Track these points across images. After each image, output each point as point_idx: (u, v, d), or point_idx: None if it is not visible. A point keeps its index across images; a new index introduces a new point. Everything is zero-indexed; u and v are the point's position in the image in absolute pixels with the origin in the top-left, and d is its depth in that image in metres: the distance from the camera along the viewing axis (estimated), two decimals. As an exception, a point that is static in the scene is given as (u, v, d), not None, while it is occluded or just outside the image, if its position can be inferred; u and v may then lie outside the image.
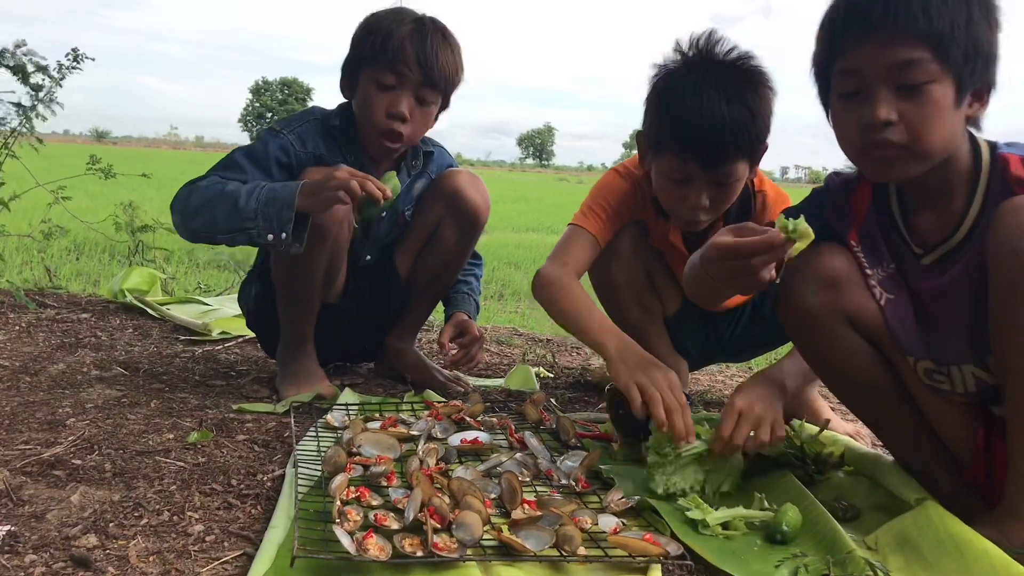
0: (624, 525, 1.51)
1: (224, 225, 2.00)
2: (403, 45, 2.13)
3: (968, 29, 1.38)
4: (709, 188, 1.95)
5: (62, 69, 3.49)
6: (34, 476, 1.61)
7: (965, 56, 1.39)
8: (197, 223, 2.04)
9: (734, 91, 1.87)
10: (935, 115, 1.40)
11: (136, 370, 2.42)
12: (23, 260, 4.85)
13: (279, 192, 1.97)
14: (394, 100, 2.15)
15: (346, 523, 1.38)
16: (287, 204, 1.95)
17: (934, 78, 1.39)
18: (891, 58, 1.40)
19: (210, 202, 2.01)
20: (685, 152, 1.91)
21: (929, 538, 1.42)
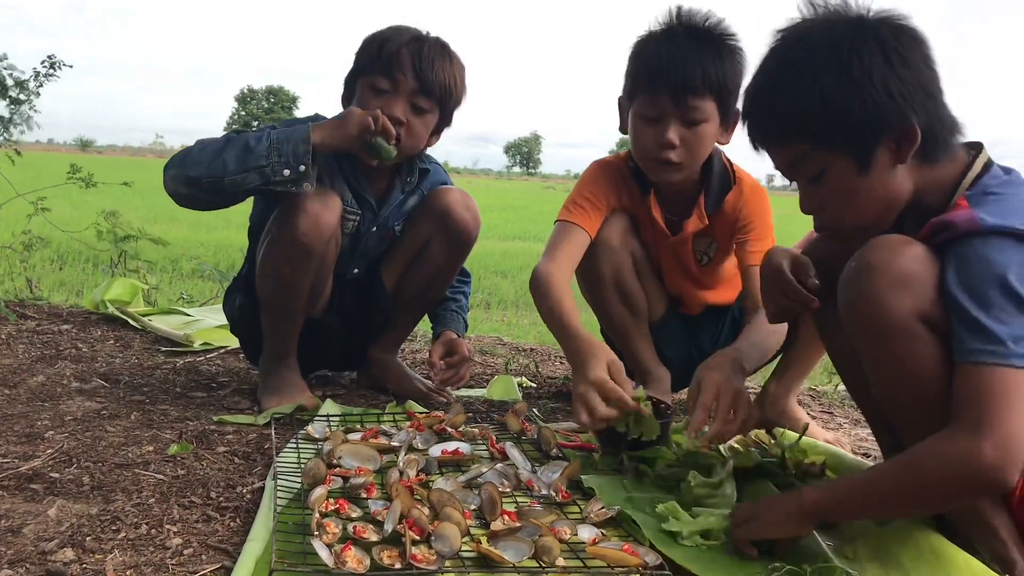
0: (604, 536, 1.51)
1: (234, 166, 1.98)
2: (399, 52, 2.15)
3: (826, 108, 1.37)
4: (679, 126, 2.05)
5: (39, 77, 3.49)
6: (11, 490, 1.60)
7: (843, 130, 1.38)
8: (201, 170, 2.00)
9: (705, 38, 2.05)
10: (840, 193, 1.44)
11: (117, 382, 2.41)
12: (4, 271, 4.83)
13: (292, 131, 2.01)
14: (388, 104, 2.15)
15: (325, 535, 1.38)
16: (302, 139, 1.99)
17: (826, 164, 1.42)
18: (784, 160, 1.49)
19: (217, 149, 2.00)
20: (656, 85, 2.04)
21: (909, 548, 1.43)
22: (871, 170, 1.40)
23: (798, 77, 1.40)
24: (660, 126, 2.06)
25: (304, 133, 2.00)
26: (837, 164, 1.41)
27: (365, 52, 2.20)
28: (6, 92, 3.44)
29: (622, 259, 2.29)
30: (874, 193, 1.42)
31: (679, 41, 2.04)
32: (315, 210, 2.07)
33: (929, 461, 1.28)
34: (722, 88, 2.04)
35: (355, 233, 2.30)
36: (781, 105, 1.43)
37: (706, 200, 2.22)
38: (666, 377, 2.42)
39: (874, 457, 2.01)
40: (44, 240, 4.20)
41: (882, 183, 1.41)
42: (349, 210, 2.24)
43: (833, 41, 1.38)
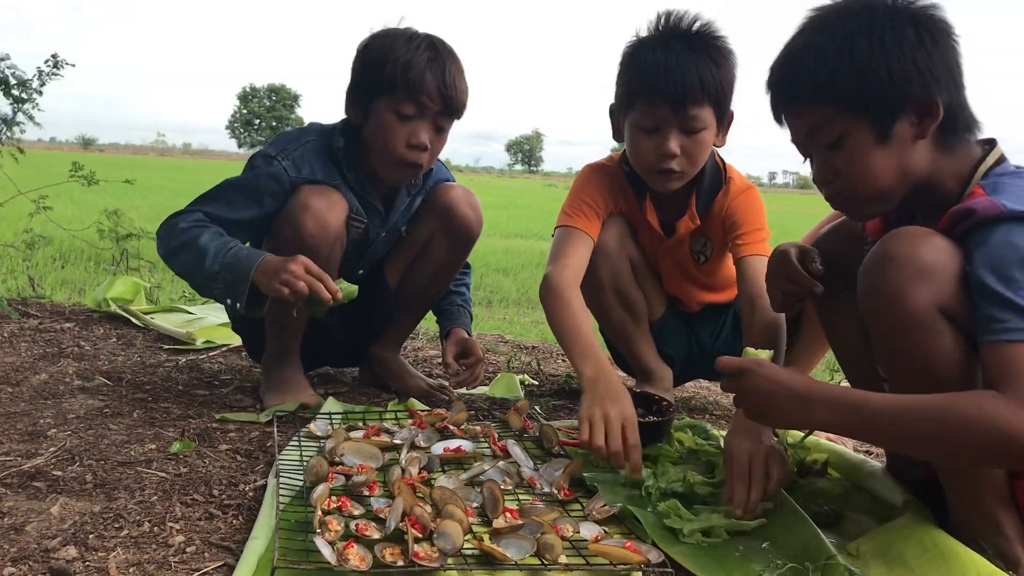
0: (606, 533, 1.51)
1: (194, 277, 2.04)
2: (424, 76, 2.08)
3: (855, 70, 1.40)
4: (679, 135, 2.04)
5: (42, 76, 3.49)
6: (14, 488, 1.61)
7: (865, 97, 1.40)
8: (175, 264, 2.06)
9: (698, 44, 2.03)
10: (858, 161, 1.44)
11: (119, 380, 2.42)
12: (7, 269, 4.84)
13: (240, 262, 1.95)
14: (415, 131, 2.11)
15: (327, 533, 1.38)
16: (242, 278, 1.94)
17: (846, 130, 1.43)
18: (804, 127, 1.50)
19: (186, 248, 2.01)
20: (654, 96, 2.02)
21: (913, 546, 1.43)
22: (890, 141, 1.42)
23: (830, 40, 1.43)
24: (660, 136, 2.05)
25: (247, 271, 1.94)
26: (858, 131, 1.43)
27: (383, 72, 2.09)
28: (9, 91, 3.45)
29: (620, 264, 2.29)
30: (890, 164, 1.43)
31: (674, 48, 2.01)
32: (321, 210, 2.07)
33: (974, 414, 1.24)
34: (719, 93, 2.04)
35: (363, 239, 2.29)
36: (811, 65, 1.45)
37: (697, 200, 2.22)
38: (668, 375, 2.42)
39: (875, 455, 2.01)
40: (46, 239, 4.20)
41: (900, 156, 1.43)
42: (355, 217, 2.22)
43: (868, 14, 1.42)
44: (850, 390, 1.44)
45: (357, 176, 2.22)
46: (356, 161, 2.22)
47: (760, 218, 2.21)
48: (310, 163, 2.15)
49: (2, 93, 3.44)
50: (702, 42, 2.04)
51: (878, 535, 1.49)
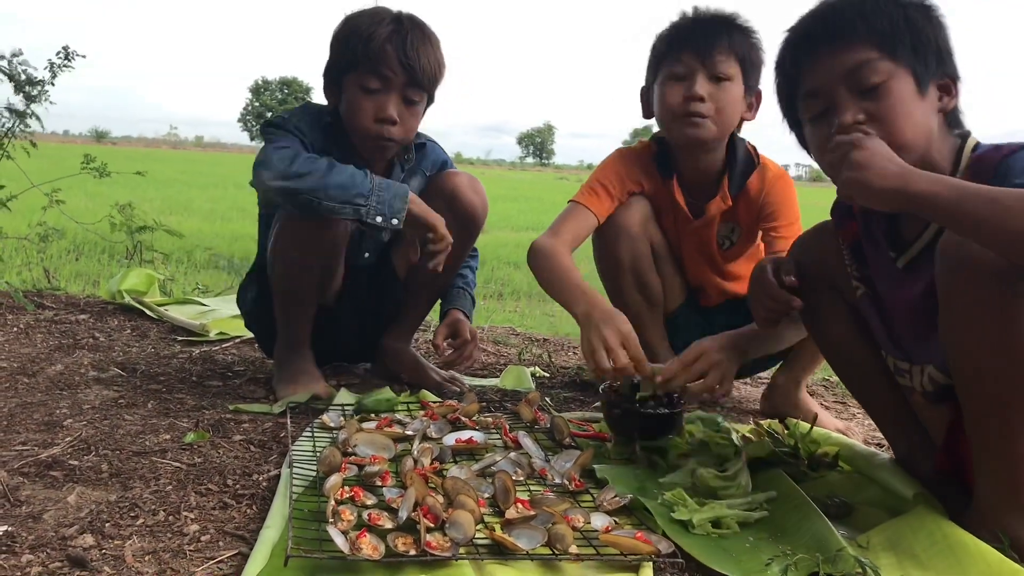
0: (616, 524, 1.52)
1: (335, 194, 2.00)
2: (384, 48, 2.11)
3: (909, 23, 1.45)
4: (705, 80, 2.12)
5: (54, 68, 3.51)
6: (31, 477, 1.62)
7: (914, 50, 1.45)
8: (303, 184, 1.99)
9: (727, 20, 2.17)
10: (900, 107, 1.45)
11: (133, 371, 2.44)
12: (22, 261, 4.87)
13: (391, 185, 2.05)
14: (381, 104, 2.15)
15: (340, 523, 1.39)
16: (401, 196, 2.03)
17: (889, 75, 1.44)
18: (844, 66, 1.46)
19: (319, 170, 2.00)
20: (681, 44, 2.14)
21: (922, 538, 1.43)
22: (926, 99, 1.46)
23: None
24: (687, 81, 2.13)
25: (404, 191, 2.05)
26: (901, 77, 1.45)
27: (346, 47, 2.15)
28: (21, 87, 3.47)
29: (641, 246, 2.31)
30: (922, 118, 1.47)
31: (702, 14, 2.16)
32: None
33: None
34: (745, 57, 2.14)
35: None
36: (866, 10, 1.47)
37: (730, 182, 2.25)
38: None
39: (885, 447, 2.01)
40: (60, 231, 4.22)
41: (929, 114, 1.48)
42: None
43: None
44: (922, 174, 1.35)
45: (347, 154, 2.22)
46: (344, 139, 2.25)
47: (795, 209, 2.26)
48: (311, 134, 2.18)
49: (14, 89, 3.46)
50: (731, 19, 2.16)
51: (888, 527, 1.49)
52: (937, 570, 1.36)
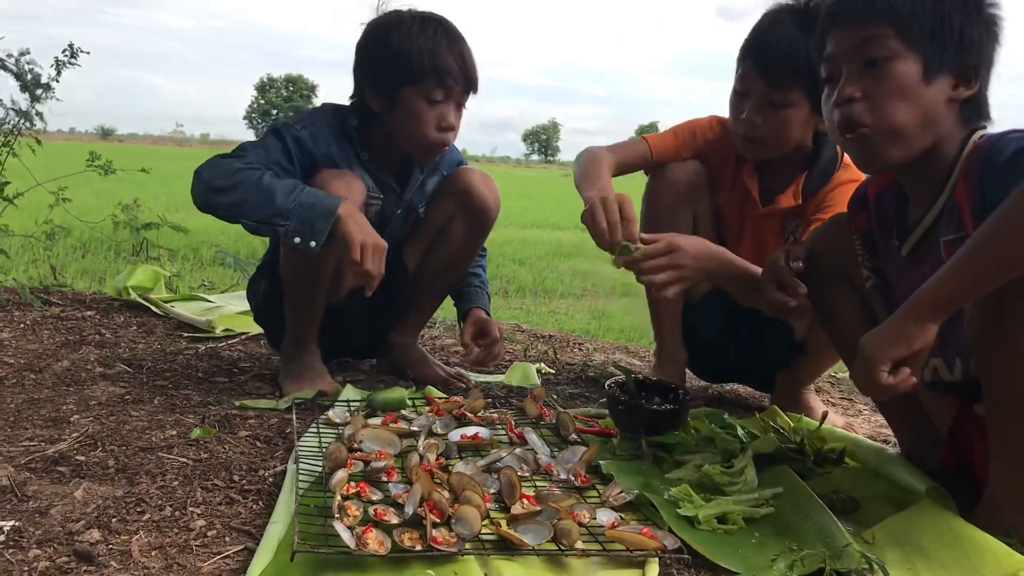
0: (622, 519, 1.52)
1: (253, 212, 1.99)
2: (448, 62, 2.15)
3: (935, 8, 1.43)
4: (763, 106, 2.08)
5: (59, 65, 3.52)
6: (38, 472, 1.63)
7: (932, 34, 1.43)
8: (223, 200, 2.01)
9: (808, 26, 1.96)
10: (896, 90, 1.44)
11: (140, 367, 2.44)
12: (29, 258, 4.88)
13: (320, 201, 1.97)
14: (444, 114, 2.18)
15: (346, 518, 1.39)
16: (324, 215, 1.95)
17: (896, 54, 1.44)
18: (856, 37, 1.47)
19: (244, 185, 1.99)
20: (747, 60, 2.09)
21: (929, 532, 1.43)
22: (932, 85, 1.44)
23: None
24: (746, 102, 2.11)
25: (331, 209, 1.96)
26: (907, 60, 1.44)
27: (409, 63, 2.14)
28: (27, 87, 3.48)
29: (683, 209, 2.30)
30: (923, 105, 1.45)
31: (780, 22, 2.07)
32: (339, 192, 2.08)
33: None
34: (816, 77, 2.01)
35: (379, 217, 2.31)
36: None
37: (807, 180, 2.20)
38: (682, 359, 2.41)
39: (892, 444, 2.01)
40: (66, 229, 4.23)
41: (933, 104, 1.45)
42: (372, 194, 2.26)
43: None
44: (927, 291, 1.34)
45: (370, 156, 2.27)
46: (368, 141, 2.26)
47: None
48: (326, 139, 2.19)
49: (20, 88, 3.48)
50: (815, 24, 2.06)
51: (894, 522, 1.49)
52: (944, 564, 1.36)
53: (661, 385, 2.08)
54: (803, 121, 2.10)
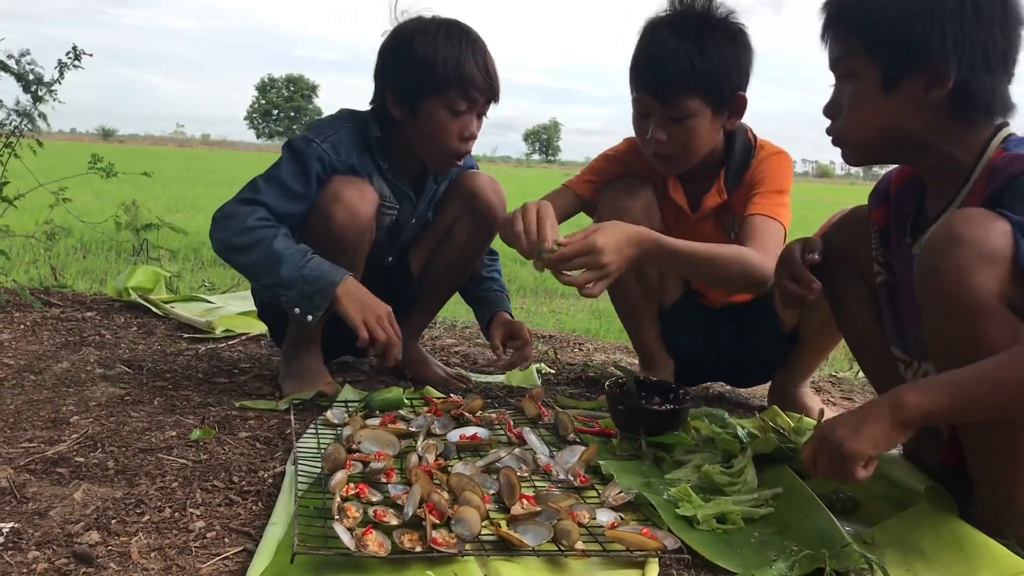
0: (622, 520, 1.52)
1: (262, 278, 2.07)
2: (472, 72, 2.13)
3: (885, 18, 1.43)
4: (665, 123, 2.06)
5: (62, 67, 3.52)
6: (38, 474, 1.63)
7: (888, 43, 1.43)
8: (240, 260, 2.06)
9: (691, 32, 2.02)
10: (854, 104, 1.48)
11: (140, 368, 2.44)
12: (30, 259, 4.88)
13: (322, 276, 2.01)
14: (466, 124, 2.17)
15: (345, 519, 1.39)
16: (323, 292, 2.00)
17: (853, 69, 1.47)
18: (831, 53, 1.52)
19: (256, 248, 2.02)
20: (639, 83, 2.07)
21: (929, 533, 1.43)
22: (894, 94, 1.44)
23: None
24: (648, 122, 2.09)
25: (329, 286, 2.01)
26: (868, 72, 1.46)
27: (433, 73, 2.11)
28: (29, 87, 3.48)
29: None
30: (883, 115, 1.46)
31: (661, 37, 2.03)
32: (353, 202, 2.08)
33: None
34: (708, 82, 2.02)
35: (393, 225, 2.32)
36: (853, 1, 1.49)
37: (726, 176, 2.21)
38: (669, 364, 2.41)
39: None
40: (66, 230, 4.24)
41: (899, 112, 1.45)
42: (387, 204, 2.26)
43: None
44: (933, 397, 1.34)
45: (390, 164, 2.26)
46: (388, 149, 2.25)
47: (782, 180, 2.17)
48: (347, 148, 2.18)
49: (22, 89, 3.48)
50: (697, 28, 2.04)
51: (894, 523, 1.49)
52: (944, 565, 1.36)
53: (661, 385, 2.07)
54: (708, 126, 2.08)
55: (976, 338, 1.30)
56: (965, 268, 1.29)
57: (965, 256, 1.29)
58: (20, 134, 3.55)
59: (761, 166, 2.18)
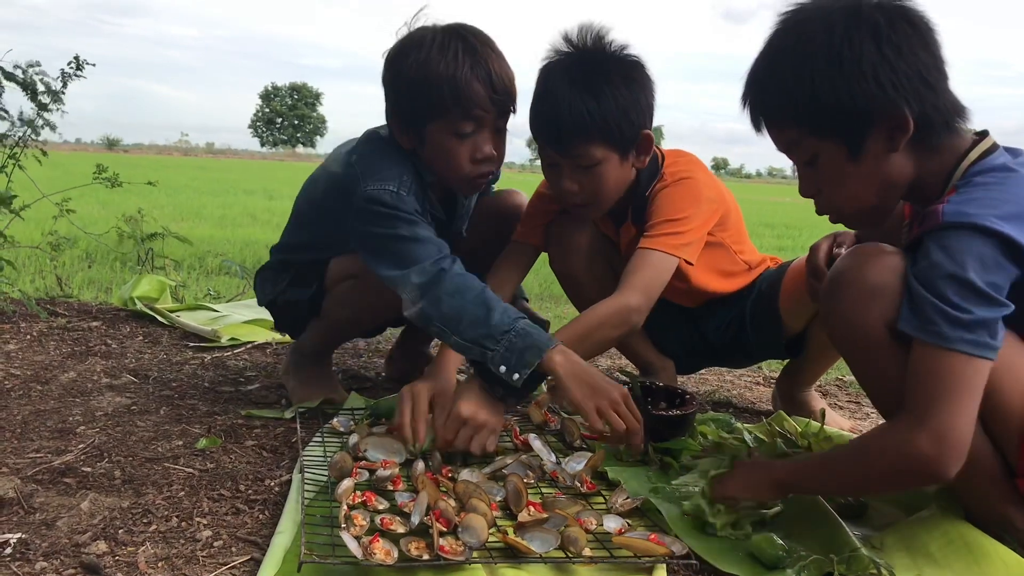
0: (629, 526, 1.52)
1: (466, 330, 1.77)
2: (473, 89, 1.88)
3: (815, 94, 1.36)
4: (574, 172, 1.98)
5: (65, 77, 3.54)
6: (45, 484, 1.63)
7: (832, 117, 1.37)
8: (438, 313, 1.80)
9: (580, 78, 1.92)
10: (832, 179, 1.43)
11: (146, 377, 2.44)
12: (35, 269, 4.89)
13: (532, 334, 1.75)
14: (478, 145, 1.94)
15: (352, 527, 1.39)
16: (534, 348, 1.73)
17: (814, 150, 1.42)
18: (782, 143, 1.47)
19: (463, 295, 1.79)
20: (539, 137, 1.99)
21: (938, 538, 1.42)
22: (863, 157, 1.39)
23: (789, 64, 1.39)
24: (556, 173, 2.01)
25: (543, 346, 1.73)
26: (828, 150, 1.40)
27: (428, 94, 1.88)
28: (36, 97, 3.50)
29: (596, 262, 2.26)
30: (868, 179, 1.41)
31: (552, 88, 1.93)
32: None
33: (875, 448, 1.35)
34: (608, 128, 1.93)
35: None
36: (772, 91, 1.43)
37: (633, 210, 2.15)
38: (670, 365, 2.41)
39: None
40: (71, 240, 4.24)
41: (876, 169, 1.40)
42: None
43: (826, 28, 1.35)
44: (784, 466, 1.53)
45: (423, 191, 2.03)
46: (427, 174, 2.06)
47: (675, 210, 2.05)
48: (414, 191, 1.96)
49: (29, 98, 3.49)
50: (591, 72, 1.93)
51: (902, 527, 1.48)
52: (953, 570, 1.35)
53: (668, 390, 2.07)
54: (616, 169, 1.99)
55: (877, 369, 1.40)
56: (847, 307, 1.38)
57: (850, 297, 1.38)
58: (25, 144, 3.56)
59: (657, 198, 2.09)
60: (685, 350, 2.44)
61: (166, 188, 10.75)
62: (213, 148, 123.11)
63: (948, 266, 1.26)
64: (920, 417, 1.26)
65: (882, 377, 1.39)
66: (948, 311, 1.25)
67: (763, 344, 2.29)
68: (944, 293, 1.25)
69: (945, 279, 1.26)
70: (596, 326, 1.91)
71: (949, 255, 1.26)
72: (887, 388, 1.38)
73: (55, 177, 4.16)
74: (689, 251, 2.03)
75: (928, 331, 1.26)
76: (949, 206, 1.30)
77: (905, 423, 1.28)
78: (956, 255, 1.26)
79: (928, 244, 1.30)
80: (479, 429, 1.75)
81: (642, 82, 1.98)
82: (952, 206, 1.29)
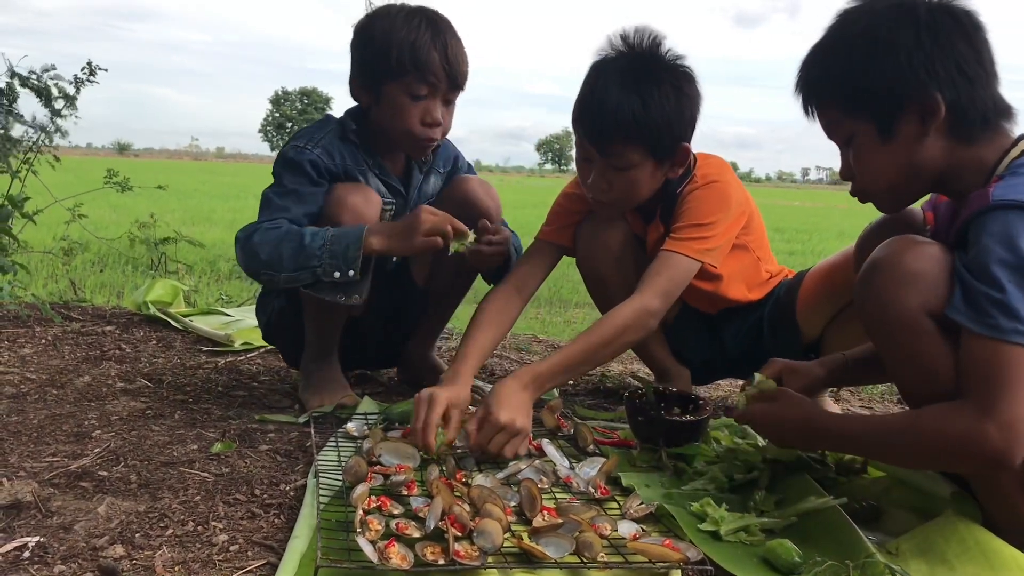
0: (644, 531, 1.51)
1: (289, 263, 1.99)
2: (430, 56, 2.12)
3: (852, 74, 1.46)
4: (607, 171, 2.01)
5: (78, 82, 3.56)
6: (62, 488, 1.64)
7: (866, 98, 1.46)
8: (260, 261, 2.01)
9: (632, 81, 1.94)
10: (862, 161, 1.51)
11: (160, 382, 2.46)
12: (48, 273, 4.93)
13: (346, 233, 2.00)
14: (428, 109, 2.16)
15: (368, 532, 1.40)
16: (354, 243, 1.97)
17: (850, 130, 1.51)
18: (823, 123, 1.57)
19: (274, 240, 2.00)
20: (579, 131, 2.02)
21: (954, 544, 1.42)
22: (894, 139, 1.45)
23: (833, 47, 1.51)
24: (590, 166, 2.04)
25: (356, 236, 1.98)
26: (862, 130, 1.48)
27: (388, 55, 2.11)
28: (50, 102, 3.52)
29: (626, 265, 2.25)
30: (897, 161, 1.47)
31: (602, 86, 1.96)
32: (358, 207, 2.09)
33: (930, 428, 1.35)
34: (650, 135, 1.95)
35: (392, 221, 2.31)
36: (815, 72, 1.54)
37: (662, 210, 2.17)
38: (685, 374, 2.41)
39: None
40: (83, 245, 4.27)
41: (907, 153, 1.46)
42: (386, 202, 2.25)
43: (870, 14, 1.46)
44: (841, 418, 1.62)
45: (375, 160, 2.27)
46: (370, 143, 2.26)
47: (704, 213, 2.07)
48: (339, 150, 2.19)
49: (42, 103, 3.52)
50: (641, 76, 1.95)
51: (918, 533, 1.48)
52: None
53: (681, 395, 2.07)
54: (649, 176, 2.02)
55: (911, 356, 1.41)
56: (884, 291, 1.40)
57: (883, 281, 1.41)
58: (38, 150, 3.58)
59: (686, 199, 2.11)
60: (703, 358, 2.44)
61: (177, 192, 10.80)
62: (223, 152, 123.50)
63: (999, 251, 1.27)
64: (986, 408, 1.26)
65: (911, 363, 1.41)
66: (1003, 300, 1.25)
67: (780, 351, 2.28)
68: (998, 279, 1.26)
69: (998, 264, 1.27)
70: (620, 331, 1.92)
71: (1000, 238, 1.28)
72: (916, 373, 1.41)
73: (67, 182, 4.18)
74: (713, 256, 2.05)
75: (984, 323, 1.27)
76: (998, 189, 1.32)
77: (970, 412, 1.28)
78: (1007, 237, 1.27)
79: (976, 229, 1.32)
80: (514, 435, 1.78)
81: (691, 94, 2.00)
82: (1001, 189, 1.32)
